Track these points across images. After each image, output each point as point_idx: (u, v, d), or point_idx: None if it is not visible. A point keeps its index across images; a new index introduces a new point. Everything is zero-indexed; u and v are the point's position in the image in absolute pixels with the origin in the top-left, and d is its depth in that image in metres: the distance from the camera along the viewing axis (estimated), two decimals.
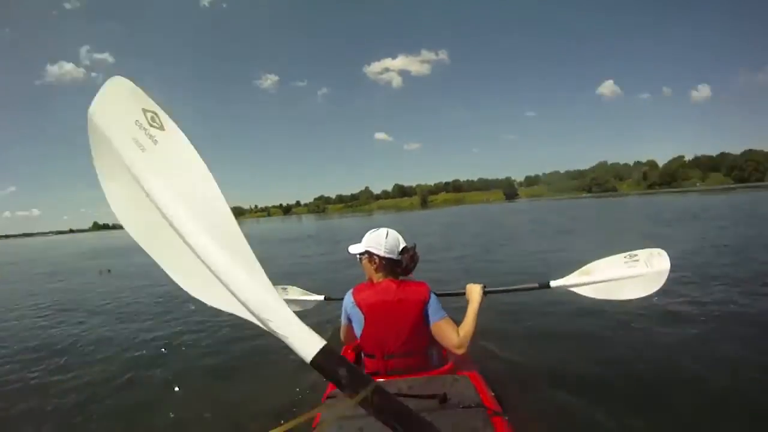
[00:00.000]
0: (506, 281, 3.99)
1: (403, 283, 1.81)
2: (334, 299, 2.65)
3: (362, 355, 1.89)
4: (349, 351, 2.14)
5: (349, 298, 1.84)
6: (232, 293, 0.88)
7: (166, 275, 0.99)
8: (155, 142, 0.95)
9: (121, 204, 1.00)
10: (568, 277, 1.86)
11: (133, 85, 0.97)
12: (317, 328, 2.26)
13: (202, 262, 0.90)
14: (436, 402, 1.41)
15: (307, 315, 3.57)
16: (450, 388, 1.49)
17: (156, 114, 0.96)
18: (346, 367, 0.83)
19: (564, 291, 1.84)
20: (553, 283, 1.86)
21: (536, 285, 1.91)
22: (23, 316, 6.27)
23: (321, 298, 2.83)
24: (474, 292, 1.86)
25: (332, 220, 46.59)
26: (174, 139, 0.96)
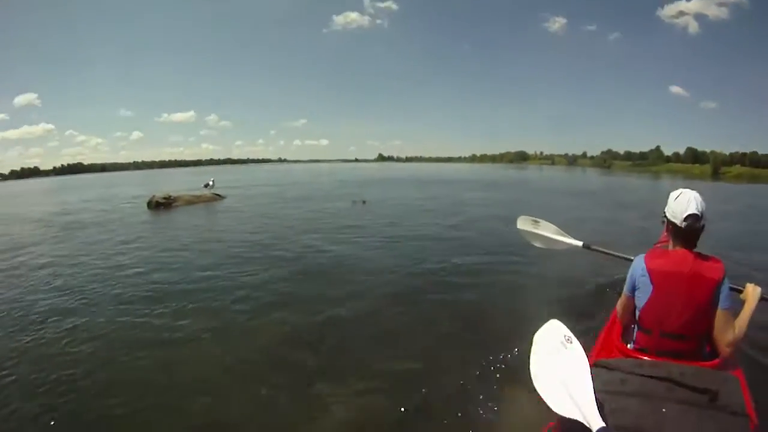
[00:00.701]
0: None
1: (699, 255, 1.67)
2: (595, 250, 2.56)
3: (635, 328, 1.80)
4: (617, 323, 1.98)
5: (639, 263, 1.74)
6: None
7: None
8: None
9: None
10: None
11: None
12: (574, 279, 4.19)
13: None
14: (706, 398, 1.32)
15: (559, 260, 4.17)
16: (721, 386, 1.38)
17: None
18: None
19: None
20: None
21: None
22: (271, 230, 7.91)
23: (578, 243, 2.66)
24: (753, 294, 1.73)
25: (616, 177, 39.72)
26: None
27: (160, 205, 13.33)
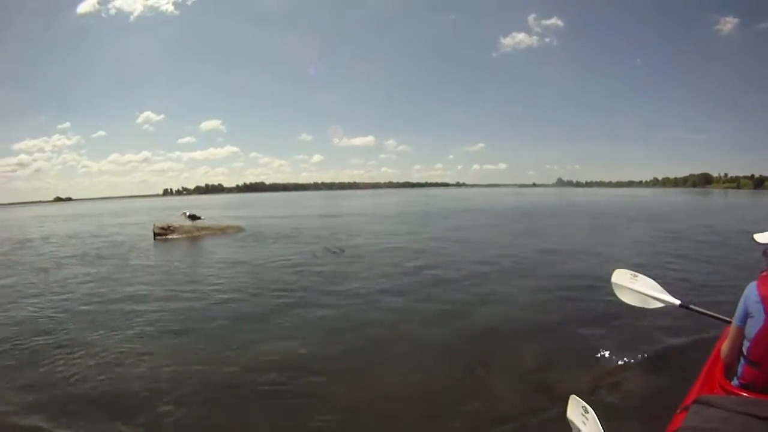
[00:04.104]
0: None
1: None
2: (693, 310, 2.46)
3: (742, 362, 1.72)
4: (719, 358, 1.91)
5: (752, 291, 1.70)
6: None
7: None
8: None
9: None
10: None
11: None
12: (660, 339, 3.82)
13: None
14: None
15: (649, 318, 3.90)
16: None
17: None
18: None
19: None
20: None
21: None
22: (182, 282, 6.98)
23: (675, 302, 2.55)
24: None
25: None
26: None
27: (157, 235, 13.57)
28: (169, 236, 13.48)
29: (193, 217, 14.51)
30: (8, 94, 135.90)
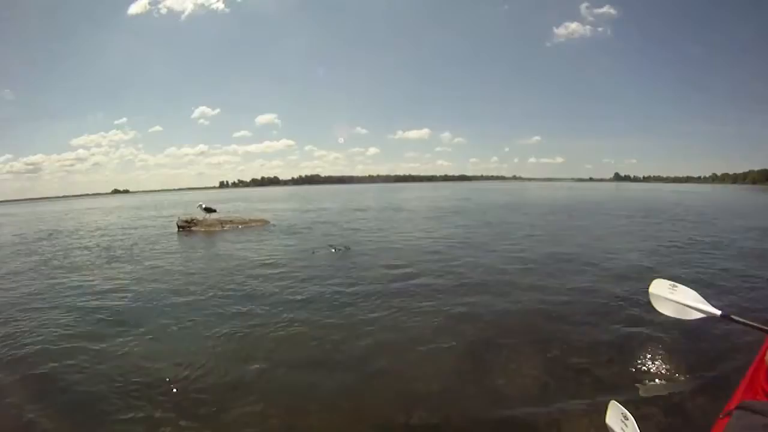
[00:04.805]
0: None
1: None
2: (735, 321, 2.22)
3: None
4: (763, 363, 1.75)
5: None
6: None
7: None
8: None
9: None
10: None
11: None
12: (699, 352, 3.60)
13: None
14: None
15: (689, 327, 3.51)
16: None
17: None
18: None
19: None
20: None
21: None
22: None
23: (716, 312, 2.28)
24: None
25: None
26: None
27: (180, 228, 13.42)
28: (193, 229, 13.23)
29: (208, 210, 14.04)
30: (65, 93, 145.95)
